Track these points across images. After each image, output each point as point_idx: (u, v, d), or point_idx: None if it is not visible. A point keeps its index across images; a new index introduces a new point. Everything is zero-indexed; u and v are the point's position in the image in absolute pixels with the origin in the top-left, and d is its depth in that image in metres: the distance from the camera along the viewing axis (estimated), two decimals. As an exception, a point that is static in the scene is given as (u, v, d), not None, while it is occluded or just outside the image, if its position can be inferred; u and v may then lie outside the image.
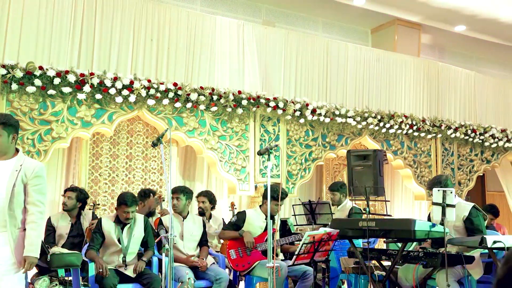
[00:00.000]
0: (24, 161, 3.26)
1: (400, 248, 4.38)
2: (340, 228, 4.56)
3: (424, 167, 8.13)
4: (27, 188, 3.20)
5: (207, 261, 4.90)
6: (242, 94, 6.57)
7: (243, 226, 5.14)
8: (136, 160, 6.82)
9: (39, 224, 3.24)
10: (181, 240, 4.88)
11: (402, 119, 7.79)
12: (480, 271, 4.39)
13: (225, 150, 6.58)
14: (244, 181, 6.65)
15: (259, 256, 5.04)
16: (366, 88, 7.88)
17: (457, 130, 8.27)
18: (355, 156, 6.10)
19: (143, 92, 5.91)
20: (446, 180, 4.59)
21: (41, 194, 3.24)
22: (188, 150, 7.17)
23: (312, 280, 4.83)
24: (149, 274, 4.55)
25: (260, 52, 7.04)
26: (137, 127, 6.87)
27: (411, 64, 8.33)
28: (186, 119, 6.35)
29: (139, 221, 4.73)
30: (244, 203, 7.30)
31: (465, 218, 4.43)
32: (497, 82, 9.35)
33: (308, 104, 7.06)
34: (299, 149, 7.12)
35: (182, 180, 7.17)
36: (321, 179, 8.65)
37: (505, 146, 8.76)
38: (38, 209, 3.20)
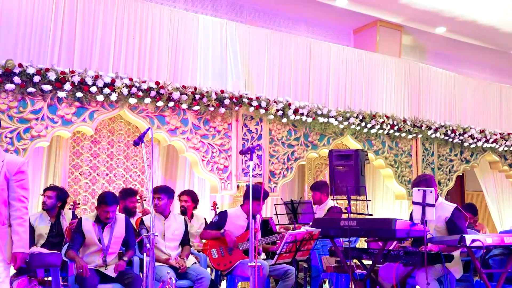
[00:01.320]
0: (6, 157, 3.27)
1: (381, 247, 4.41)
2: (322, 227, 4.57)
3: (405, 167, 8.20)
4: (11, 183, 3.22)
5: (189, 261, 4.88)
6: (225, 93, 6.56)
7: (225, 225, 5.13)
8: (117, 159, 6.77)
9: (25, 219, 3.27)
10: (163, 239, 4.85)
11: (383, 119, 7.86)
12: (460, 270, 4.44)
13: (208, 149, 6.56)
14: (226, 181, 6.64)
15: (241, 255, 5.04)
16: (348, 88, 7.93)
17: (437, 130, 8.37)
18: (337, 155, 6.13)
19: (124, 90, 5.87)
20: (431, 179, 4.64)
21: (25, 190, 3.27)
22: (170, 149, 7.14)
23: (294, 279, 4.84)
24: (130, 274, 4.52)
25: (243, 51, 7.03)
26: (119, 126, 6.82)
27: (392, 65, 8.40)
28: (168, 118, 6.32)
29: (120, 221, 4.70)
30: (226, 202, 7.28)
31: (447, 220, 4.47)
32: (476, 83, 9.48)
33: (290, 103, 7.08)
34: (282, 149, 7.13)
35: (164, 179, 7.14)
36: (303, 179, 8.68)
37: (483, 147, 8.88)
38: (23, 204, 3.24)
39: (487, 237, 4.08)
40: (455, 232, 4.37)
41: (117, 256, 4.65)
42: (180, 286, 4.75)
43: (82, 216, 4.78)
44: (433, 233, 4.51)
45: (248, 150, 4.20)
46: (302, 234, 4.34)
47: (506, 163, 9.20)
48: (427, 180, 4.59)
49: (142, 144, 3.92)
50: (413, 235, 4.26)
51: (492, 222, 9.70)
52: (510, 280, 4.33)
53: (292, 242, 4.32)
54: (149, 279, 3.72)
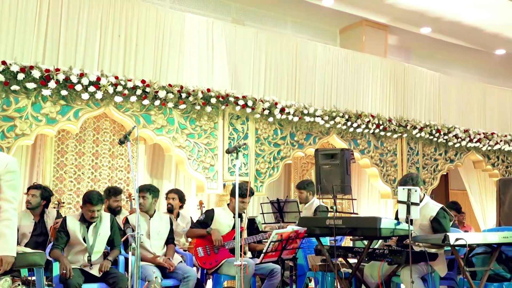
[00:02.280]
0: None
1: (366, 245, 4.45)
2: (308, 226, 4.59)
3: (390, 166, 8.27)
4: (0, 183, 3.05)
5: (174, 260, 4.87)
6: (211, 92, 6.55)
7: (211, 224, 5.12)
8: (103, 158, 6.73)
9: (14, 221, 3.11)
10: (148, 239, 4.83)
11: (369, 119, 7.90)
12: (444, 268, 4.48)
13: (194, 148, 6.55)
14: (212, 180, 6.63)
15: (227, 254, 5.04)
16: (334, 88, 7.96)
17: (422, 130, 8.44)
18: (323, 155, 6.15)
19: (110, 89, 5.83)
20: (417, 178, 4.68)
21: (14, 190, 3.11)
22: (156, 148, 7.11)
23: (280, 278, 4.86)
24: (115, 274, 4.49)
25: (229, 50, 7.02)
26: (104, 124, 6.78)
27: (378, 65, 8.46)
28: (154, 117, 6.30)
29: (105, 220, 4.67)
30: (213, 201, 7.28)
31: (432, 219, 4.52)
32: (460, 83, 9.57)
33: (277, 103, 7.09)
34: (268, 148, 7.14)
35: (149, 178, 7.12)
36: (289, 178, 8.70)
37: (467, 146, 8.99)
38: (11, 205, 3.07)
39: (470, 236, 4.13)
40: (439, 231, 4.41)
41: (102, 256, 4.62)
42: (166, 285, 4.73)
43: (67, 215, 4.74)
44: (417, 231, 4.55)
45: (234, 149, 4.20)
46: (288, 233, 4.36)
47: (489, 162, 9.31)
48: (413, 179, 4.63)
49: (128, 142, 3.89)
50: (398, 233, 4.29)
51: (475, 220, 9.82)
52: (493, 278, 4.38)
53: (278, 241, 4.33)
54: (135, 278, 3.70)
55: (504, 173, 9.40)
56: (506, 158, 9.51)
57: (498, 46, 10.62)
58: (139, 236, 3.75)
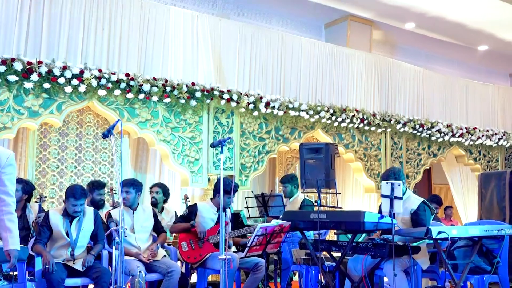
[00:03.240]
0: None
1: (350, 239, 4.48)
2: (292, 220, 4.61)
3: (374, 161, 8.33)
4: (1, 177, 3.05)
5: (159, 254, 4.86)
6: (196, 86, 6.53)
7: (195, 219, 5.12)
8: (86, 151, 6.68)
9: (15, 215, 3.16)
10: (132, 233, 4.81)
11: (353, 113, 7.94)
12: (427, 261, 4.53)
13: (178, 142, 6.53)
14: (197, 174, 6.62)
15: (211, 248, 5.04)
16: (319, 82, 7.98)
17: (406, 124, 8.51)
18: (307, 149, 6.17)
19: (93, 82, 5.78)
20: (399, 172, 4.72)
21: (13, 184, 3.13)
22: (140, 142, 7.08)
23: (264, 272, 4.87)
24: (98, 268, 4.47)
25: (214, 44, 7.00)
26: (87, 118, 6.73)
27: (362, 60, 8.50)
28: (139, 111, 6.26)
29: (89, 214, 4.64)
30: (197, 195, 7.27)
31: (413, 212, 4.56)
32: (443, 78, 9.66)
33: (262, 97, 7.09)
34: (253, 142, 7.14)
35: (133, 172, 7.09)
36: (274, 172, 8.72)
37: (450, 141, 9.08)
38: (12, 199, 3.11)
39: (452, 229, 4.18)
40: (418, 224, 4.46)
41: (85, 250, 4.60)
42: (150, 279, 4.73)
43: (50, 210, 4.70)
44: (399, 225, 4.59)
45: (219, 143, 4.19)
46: (273, 227, 4.37)
47: (471, 157, 9.43)
48: (395, 173, 4.67)
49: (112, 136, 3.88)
50: (381, 227, 4.33)
51: (457, 214, 9.94)
52: (474, 270, 4.44)
53: (263, 235, 4.34)
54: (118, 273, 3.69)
55: (485, 167, 9.53)
56: (488, 152, 9.64)
57: (480, 42, 10.73)
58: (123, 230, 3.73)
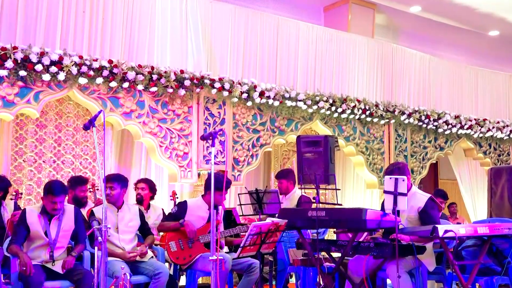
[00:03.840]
0: None
1: (351, 238, 4.48)
2: (289, 218, 4.61)
3: (377, 154, 8.34)
4: None
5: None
6: (185, 73, 6.52)
7: (184, 217, 5.11)
8: (66, 144, 6.68)
9: None
10: (116, 232, 4.81)
11: (354, 104, 7.95)
12: (433, 262, 4.56)
13: (166, 134, 6.52)
14: (186, 169, 6.62)
15: (202, 248, 5.04)
16: (317, 70, 7.97)
17: (411, 115, 8.52)
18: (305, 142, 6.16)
19: (73, 69, 5.76)
20: (404, 167, 4.73)
21: None
22: (125, 134, 7.07)
23: (259, 274, 4.87)
24: (80, 270, 4.46)
25: (205, 28, 6.98)
26: (67, 108, 6.72)
27: (364, 46, 8.49)
28: (123, 100, 6.25)
29: (69, 212, 4.63)
30: (186, 192, 7.26)
31: (421, 210, 4.57)
32: (452, 66, 9.67)
33: (256, 86, 7.08)
34: (246, 134, 7.14)
35: (117, 167, 7.10)
36: (269, 167, 8.73)
37: (458, 133, 9.11)
38: None
39: (460, 228, 4.19)
40: (428, 223, 4.47)
41: (65, 251, 4.59)
42: (136, 282, 4.73)
43: (26, 207, 4.68)
44: (405, 223, 4.60)
45: (210, 136, 4.18)
46: (268, 225, 4.37)
47: (481, 150, 9.46)
48: (400, 168, 4.68)
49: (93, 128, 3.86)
50: (384, 225, 4.34)
51: (465, 211, 9.99)
52: (483, 272, 4.47)
53: (257, 234, 4.34)
54: (101, 275, 3.68)
55: (496, 161, 9.56)
56: (499, 145, 9.67)
57: (491, 27, 10.74)
58: (106, 229, 3.72)
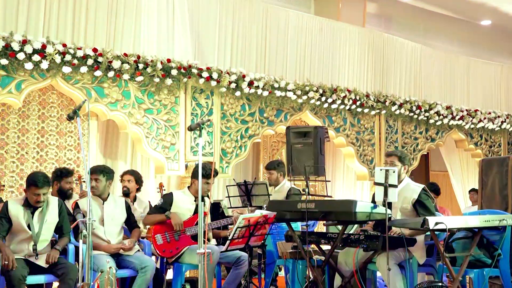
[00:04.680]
0: None
1: (340, 231, 4.52)
2: (278, 210, 4.63)
3: (367, 145, 8.38)
4: None
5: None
6: (172, 62, 6.49)
7: (170, 209, 5.12)
8: (49, 135, 6.64)
9: None
10: (101, 225, 4.80)
11: (345, 94, 7.97)
12: (423, 255, 4.60)
13: (152, 125, 6.50)
14: (173, 160, 6.62)
15: (189, 241, 5.05)
16: (307, 60, 7.98)
17: (402, 106, 8.57)
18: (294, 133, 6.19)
19: (57, 58, 5.72)
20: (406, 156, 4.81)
21: None
22: (110, 124, 7.04)
23: (247, 267, 4.90)
24: (64, 264, 4.46)
25: (192, 16, 6.95)
26: (51, 98, 6.68)
27: (355, 35, 8.50)
28: (108, 90, 6.22)
29: (53, 205, 4.61)
30: (174, 184, 7.27)
31: (415, 201, 4.61)
32: (443, 56, 9.72)
33: (244, 75, 7.07)
34: (235, 125, 7.14)
35: (102, 158, 7.07)
36: (258, 158, 8.74)
37: (449, 124, 9.17)
38: None
39: (450, 220, 4.24)
40: (424, 214, 4.50)
41: (49, 245, 4.58)
42: (121, 276, 4.73)
43: (9, 200, 4.67)
44: (398, 215, 4.64)
45: (198, 126, 4.18)
46: (256, 218, 4.39)
47: (472, 141, 9.54)
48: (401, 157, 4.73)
49: (78, 118, 3.85)
50: (374, 218, 4.37)
51: (456, 203, 10.08)
52: (473, 264, 4.52)
53: (245, 227, 4.36)
54: (86, 269, 3.68)
55: (487, 153, 9.65)
56: (490, 137, 9.76)
57: (483, 16, 10.80)
58: (91, 222, 3.72)
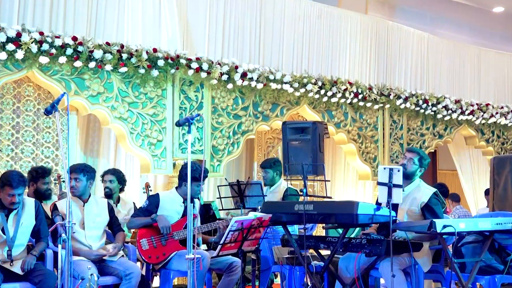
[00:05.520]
0: None
1: (341, 234, 4.52)
2: (273, 212, 4.63)
3: (370, 142, 8.39)
4: None
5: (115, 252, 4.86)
6: (158, 52, 6.49)
7: (157, 212, 5.11)
8: (25, 131, 6.62)
9: None
10: (82, 229, 4.80)
11: (346, 87, 7.97)
12: (429, 262, 4.62)
13: (137, 120, 6.50)
14: (160, 158, 6.61)
15: (177, 246, 5.05)
16: (305, 50, 7.98)
17: (407, 100, 8.58)
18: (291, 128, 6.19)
19: (33, 47, 5.71)
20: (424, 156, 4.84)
21: None
22: (91, 119, 7.04)
23: (240, 273, 4.91)
24: (41, 271, 4.45)
25: (180, 2, 6.95)
26: (26, 90, 6.65)
27: (357, 22, 8.51)
28: (89, 82, 6.21)
29: (29, 207, 4.60)
30: (160, 183, 7.27)
31: (424, 205, 4.63)
32: (452, 45, 9.74)
33: (237, 66, 7.07)
34: (226, 120, 7.14)
35: (83, 156, 7.07)
36: (251, 156, 8.74)
37: (459, 119, 9.19)
38: None
39: (460, 222, 4.24)
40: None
41: (25, 250, 4.57)
42: (104, 283, 4.73)
43: (-19, 201, 4.64)
44: (404, 218, 4.64)
45: (186, 121, 4.18)
46: (250, 220, 4.38)
47: (483, 138, 9.57)
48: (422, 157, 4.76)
49: (56, 113, 3.84)
50: (378, 220, 4.38)
51: (466, 205, 10.11)
52: (484, 270, 4.53)
53: (238, 230, 4.36)
54: (65, 276, 3.67)
55: (499, 150, 9.68)
56: (502, 133, 9.79)
57: (495, 3, 10.82)
58: (71, 225, 3.71)
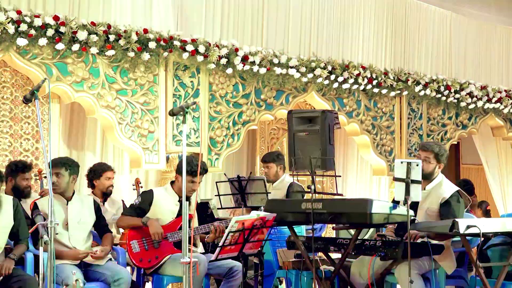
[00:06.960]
0: None
1: (353, 236, 4.54)
2: (278, 211, 4.65)
3: (386, 133, 8.40)
4: None
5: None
6: (150, 33, 6.49)
7: (150, 210, 5.13)
8: (1, 121, 6.64)
9: None
10: (66, 229, 4.83)
11: (359, 71, 7.97)
12: (453, 264, 4.63)
13: (126, 109, 6.51)
14: (152, 151, 6.62)
15: (171, 249, 5.07)
16: (313, 31, 7.96)
17: (427, 86, 8.58)
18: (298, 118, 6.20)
19: (10, 27, 5.71)
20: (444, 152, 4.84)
21: None
22: (75, 108, 7.05)
23: (241, 279, 4.93)
24: (21, 276, 4.47)
25: (174, -23, 6.94)
26: (3, 76, 6.66)
27: (372, 1, 8.48)
28: (72, 67, 6.22)
29: (6, 205, 4.62)
30: (152, 179, 7.28)
31: (443, 202, 4.63)
32: (478, 25, 9.70)
33: (237, 49, 7.07)
34: (226, 109, 7.14)
35: (66, 149, 7.08)
36: (253, 149, 8.75)
37: (485, 108, 9.18)
38: None
39: (485, 223, 4.26)
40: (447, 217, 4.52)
41: (2, 253, 4.59)
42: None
43: (-46, 199, 4.67)
44: (423, 218, 4.66)
45: (181, 110, 4.19)
46: (252, 220, 4.40)
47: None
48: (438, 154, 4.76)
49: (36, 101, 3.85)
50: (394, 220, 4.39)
51: (493, 203, 10.11)
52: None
53: (239, 231, 4.37)
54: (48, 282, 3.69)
55: (530, 142, 9.69)
56: (533, 123, 9.78)
57: (526, -22, 10.78)
58: (53, 226, 3.73)
